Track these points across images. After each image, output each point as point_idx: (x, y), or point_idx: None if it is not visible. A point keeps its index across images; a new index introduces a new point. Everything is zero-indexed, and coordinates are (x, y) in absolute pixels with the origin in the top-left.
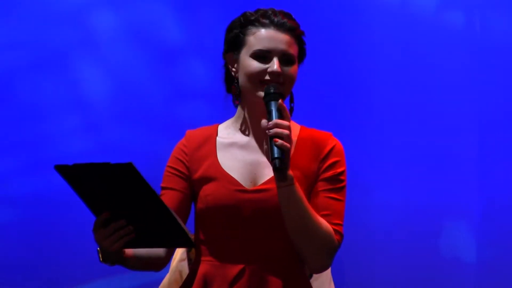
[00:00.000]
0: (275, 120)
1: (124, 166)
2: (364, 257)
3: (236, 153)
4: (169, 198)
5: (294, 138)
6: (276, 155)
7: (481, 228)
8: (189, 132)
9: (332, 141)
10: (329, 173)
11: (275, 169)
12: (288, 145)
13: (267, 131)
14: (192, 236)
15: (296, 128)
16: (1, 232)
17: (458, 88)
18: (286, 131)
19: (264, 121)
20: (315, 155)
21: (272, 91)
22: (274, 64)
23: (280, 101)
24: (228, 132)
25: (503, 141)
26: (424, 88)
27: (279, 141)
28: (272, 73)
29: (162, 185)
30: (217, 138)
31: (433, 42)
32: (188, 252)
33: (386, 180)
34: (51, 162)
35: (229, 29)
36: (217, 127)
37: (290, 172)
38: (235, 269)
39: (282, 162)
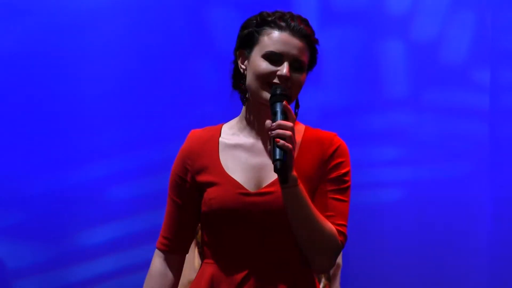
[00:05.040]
0: (278, 121)
1: None
2: (374, 253)
3: (240, 155)
4: (173, 212)
5: (299, 138)
6: (277, 157)
7: (493, 225)
8: (192, 133)
9: (337, 142)
10: (334, 174)
11: (276, 171)
12: (290, 146)
13: (269, 132)
14: None
15: (300, 128)
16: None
17: (469, 86)
18: (288, 132)
19: (268, 122)
20: (319, 156)
21: (278, 92)
22: (284, 68)
23: (284, 102)
24: (232, 132)
25: None
26: (433, 86)
27: (281, 142)
28: (281, 77)
29: (168, 191)
30: (220, 138)
31: (443, 41)
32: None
33: (396, 177)
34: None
35: (244, 26)
36: (221, 127)
37: (294, 173)
38: (242, 272)
39: (284, 164)
